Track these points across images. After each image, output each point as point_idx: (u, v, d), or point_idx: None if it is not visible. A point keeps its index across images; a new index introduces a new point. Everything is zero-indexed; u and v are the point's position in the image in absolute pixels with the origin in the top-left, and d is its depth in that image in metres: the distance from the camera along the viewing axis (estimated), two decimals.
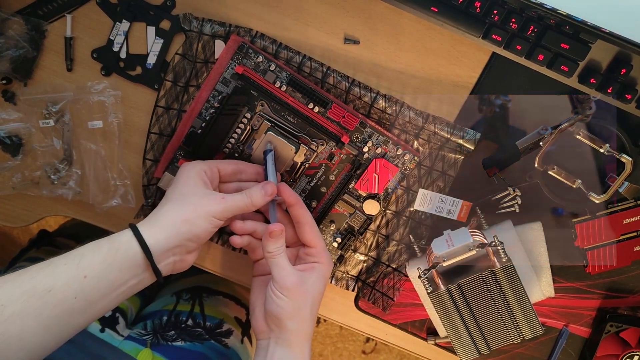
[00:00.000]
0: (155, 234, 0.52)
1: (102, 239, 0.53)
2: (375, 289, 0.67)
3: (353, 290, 0.68)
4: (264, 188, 0.57)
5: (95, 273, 0.50)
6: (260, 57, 0.63)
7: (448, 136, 0.63)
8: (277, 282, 0.55)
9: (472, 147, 0.64)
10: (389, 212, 0.66)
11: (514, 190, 0.66)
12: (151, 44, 0.65)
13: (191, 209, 0.54)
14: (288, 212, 0.61)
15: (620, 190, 0.64)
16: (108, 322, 0.72)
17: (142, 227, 0.53)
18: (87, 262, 0.50)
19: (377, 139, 0.64)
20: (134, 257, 0.51)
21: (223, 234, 0.67)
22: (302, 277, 0.56)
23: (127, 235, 0.52)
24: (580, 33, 0.60)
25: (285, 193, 0.59)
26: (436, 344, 0.69)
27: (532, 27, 0.60)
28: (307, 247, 0.59)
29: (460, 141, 0.63)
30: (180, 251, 0.54)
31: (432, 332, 0.69)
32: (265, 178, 0.60)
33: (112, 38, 0.65)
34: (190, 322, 0.76)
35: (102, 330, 0.70)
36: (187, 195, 0.55)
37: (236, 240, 0.60)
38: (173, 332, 0.74)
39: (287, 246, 0.60)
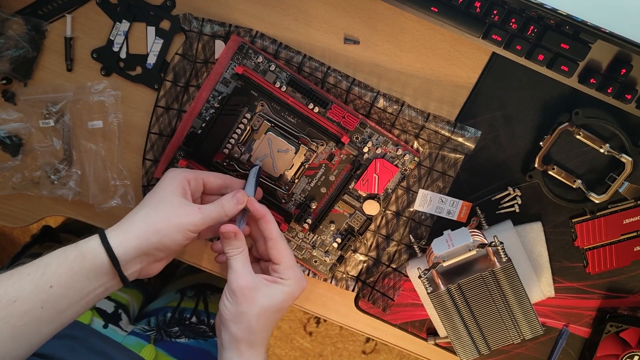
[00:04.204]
0: (125, 241, 0.51)
1: (69, 246, 0.52)
2: (375, 289, 0.67)
3: (353, 290, 0.68)
4: (235, 196, 0.57)
5: (62, 282, 0.50)
6: (260, 57, 0.63)
7: (449, 135, 0.63)
8: (227, 283, 0.55)
9: (473, 146, 0.64)
10: (389, 212, 0.66)
11: (514, 190, 0.66)
12: (151, 44, 0.65)
13: (165, 219, 0.53)
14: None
15: (620, 190, 0.64)
16: (111, 318, 0.72)
17: (112, 233, 0.52)
18: (52, 271, 0.50)
19: (377, 139, 0.64)
20: (101, 265, 0.51)
21: None
22: (256, 284, 0.54)
23: (94, 242, 0.51)
24: (580, 33, 0.60)
25: (253, 205, 0.58)
26: (436, 344, 0.69)
27: (532, 27, 0.60)
28: (274, 263, 0.57)
29: (461, 139, 0.63)
30: (148, 259, 0.54)
31: (432, 332, 0.69)
32: (243, 188, 0.60)
33: (112, 38, 0.65)
34: (194, 319, 0.76)
35: (105, 327, 0.70)
36: (163, 202, 0.54)
37: (221, 259, 0.60)
38: (177, 328, 0.74)
39: (264, 260, 0.60)
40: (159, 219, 0.52)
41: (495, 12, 0.60)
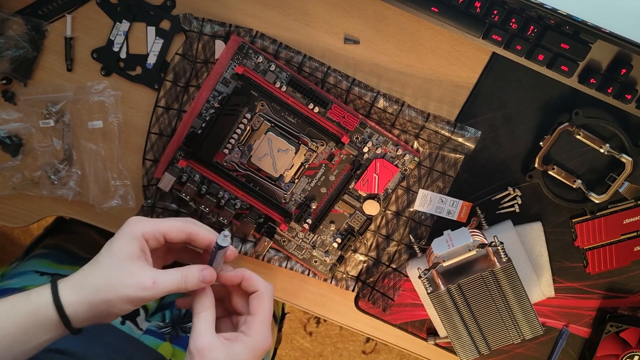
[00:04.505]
0: (75, 304, 0.49)
1: (21, 296, 0.50)
2: (375, 289, 0.67)
3: (353, 290, 0.68)
4: (202, 273, 0.51)
5: (12, 336, 0.48)
6: (260, 57, 0.63)
7: (449, 135, 0.63)
8: (188, 343, 0.51)
9: (473, 146, 0.64)
10: (389, 212, 0.66)
11: (514, 190, 0.66)
12: (151, 44, 0.65)
13: (113, 290, 0.49)
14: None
15: (620, 190, 0.64)
16: (129, 313, 0.71)
17: (65, 290, 0.49)
18: (2, 324, 0.48)
19: (377, 139, 0.64)
20: (51, 322, 0.49)
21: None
22: (215, 344, 0.50)
23: (47, 297, 0.49)
24: (580, 33, 0.60)
25: (226, 279, 0.53)
26: (436, 344, 0.69)
27: (532, 27, 0.60)
28: (250, 314, 0.53)
29: (461, 140, 0.63)
30: (101, 319, 0.51)
31: (432, 332, 0.69)
32: (210, 264, 0.53)
33: (112, 38, 0.65)
34: None
35: (122, 323, 0.69)
36: (115, 269, 0.50)
37: (180, 303, 0.57)
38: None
39: (237, 314, 0.56)
40: (108, 288, 0.49)
41: (495, 12, 0.60)
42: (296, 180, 0.65)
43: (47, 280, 0.56)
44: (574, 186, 0.65)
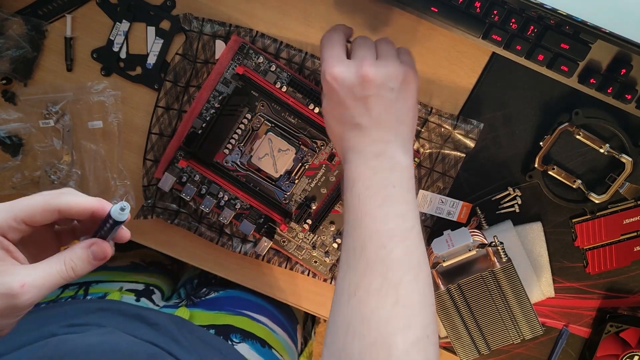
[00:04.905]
0: None
1: None
2: None
3: None
4: (91, 251, 0.42)
5: None
6: (260, 57, 0.63)
7: (451, 128, 0.63)
8: (322, 70, 0.54)
9: (475, 140, 0.63)
10: None
11: (514, 190, 0.66)
12: (151, 44, 0.65)
13: None
14: None
15: (620, 190, 0.64)
16: (142, 293, 0.70)
17: None
18: None
19: None
20: None
21: (223, 234, 0.67)
22: (345, 71, 0.52)
23: None
24: (580, 33, 0.60)
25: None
26: None
27: (532, 27, 0.60)
28: None
29: (462, 135, 0.63)
30: None
31: None
32: (100, 235, 0.43)
33: (112, 38, 0.65)
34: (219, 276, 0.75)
35: (137, 300, 0.69)
36: None
37: None
38: (205, 289, 0.73)
39: None
40: None
41: (495, 12, 0.60)
42: (296, 181, 0.65)
43: None
44: (574, 186, 0.65)
